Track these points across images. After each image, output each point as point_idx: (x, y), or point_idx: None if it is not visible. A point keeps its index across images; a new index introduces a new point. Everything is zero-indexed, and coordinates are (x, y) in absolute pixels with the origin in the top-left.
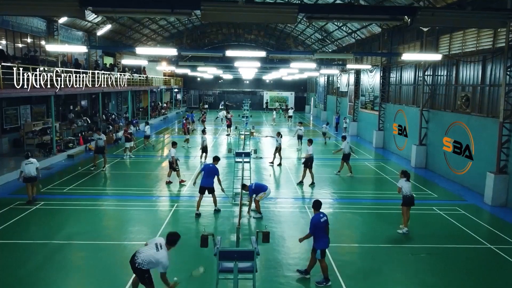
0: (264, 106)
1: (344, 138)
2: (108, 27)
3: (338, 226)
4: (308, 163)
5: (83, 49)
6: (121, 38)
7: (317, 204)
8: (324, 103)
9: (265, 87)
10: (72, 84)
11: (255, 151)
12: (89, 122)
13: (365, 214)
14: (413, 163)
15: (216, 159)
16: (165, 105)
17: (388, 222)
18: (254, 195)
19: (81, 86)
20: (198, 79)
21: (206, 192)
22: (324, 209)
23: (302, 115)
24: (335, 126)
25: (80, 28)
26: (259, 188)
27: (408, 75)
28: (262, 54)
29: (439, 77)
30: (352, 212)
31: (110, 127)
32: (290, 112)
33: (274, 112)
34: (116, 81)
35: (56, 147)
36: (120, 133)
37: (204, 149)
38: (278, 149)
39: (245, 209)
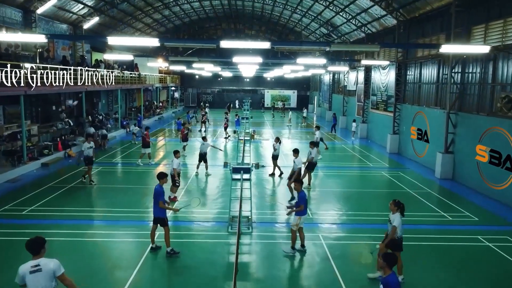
0: (261, 104)
1: (313, 144)
2: (95, 19)
3: (350, 264)
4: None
5: (41, 38)
6: (112, 32)
7: (393, 260)
8: (329, 102)
9: (266, 85)
10: (51, 82)
11: (257, 166)
12: (72, 124)
13: None
14: (438, 173)
15: (162, 176)
16: (160, 104)
17: (419, 261)
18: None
19: (61, 84)
20: (197, 76)
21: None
22: (328, 238)
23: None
24: (331, 127)
25: (64, 21)
26: (299, 198)
27: (429, 72)
28: (266, 45)
29: (470, 74)
30: (365, 243)
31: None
32: (305, 113)
33: (290, 112)
34: (102, 79)
35: (28, 154)
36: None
37: (203, 158)
38: (276, 158)
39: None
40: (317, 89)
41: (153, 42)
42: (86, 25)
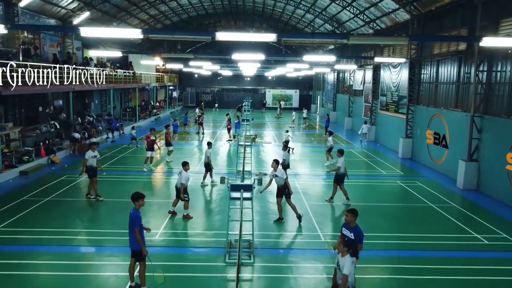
0: (263, 104)
1: (341, 152)
2: (86, 14)
3: None
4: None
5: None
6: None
7: None
8: (333, 102)
9: (267, 85)
10: (34, 81)
11: (260, 180)
12: (58, 127)
13: (422, 282)
14: (461, 184)
15: (137, 197)
16: (157, 104)
17: None
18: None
19: (45, 83)
20: (196, 75)
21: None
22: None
23: (306, 115)
24: (325, 129)
25: (52, 15)
26: (358, 237)
27: (448, 71)
28: (271, 37)
29: (498, 73)
30: (393, 278)
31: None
32: (305, 113)
33: (294, 113)
34: (92, 78)
35: (4, 161)
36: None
37: (208, 167)
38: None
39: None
40: (320, 88)
41: (135, 33)
42: (76, 21)
